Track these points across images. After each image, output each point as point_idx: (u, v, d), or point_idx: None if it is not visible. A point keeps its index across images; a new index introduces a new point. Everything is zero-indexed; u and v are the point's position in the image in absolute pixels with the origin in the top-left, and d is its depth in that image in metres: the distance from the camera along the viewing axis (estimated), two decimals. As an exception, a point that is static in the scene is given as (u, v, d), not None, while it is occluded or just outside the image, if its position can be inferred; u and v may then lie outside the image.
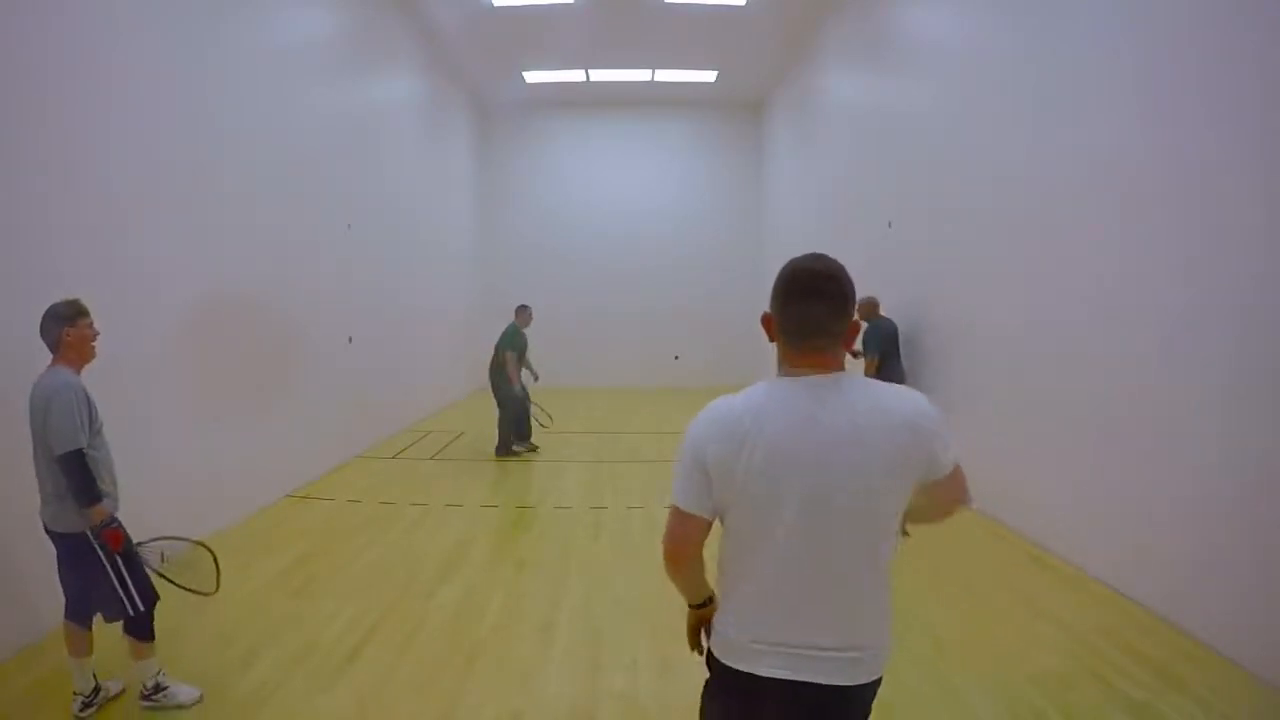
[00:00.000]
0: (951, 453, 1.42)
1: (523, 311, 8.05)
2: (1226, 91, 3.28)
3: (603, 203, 13.85)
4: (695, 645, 1.70)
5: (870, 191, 8.00)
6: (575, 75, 12.16)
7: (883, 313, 6.63)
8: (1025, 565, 4.39)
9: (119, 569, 2.75)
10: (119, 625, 2.83)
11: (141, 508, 4.07)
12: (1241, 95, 3.21)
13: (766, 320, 1.52)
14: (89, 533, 2.70)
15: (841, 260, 1.56)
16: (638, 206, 13.86)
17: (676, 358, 13.40)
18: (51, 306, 2.83)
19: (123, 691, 2.94)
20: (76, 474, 2.65)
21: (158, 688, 2.86)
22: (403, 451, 7.80)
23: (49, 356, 3.47)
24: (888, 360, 6.42)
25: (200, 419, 4.72)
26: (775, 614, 1.43)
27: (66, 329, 2.77)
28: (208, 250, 4.81)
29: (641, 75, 12.19)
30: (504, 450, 7.62)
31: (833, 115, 9.51)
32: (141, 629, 2.82)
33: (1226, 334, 3.26)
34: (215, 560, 3.02)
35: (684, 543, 1.48)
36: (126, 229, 4.06)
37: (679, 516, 1.46)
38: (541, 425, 8.10)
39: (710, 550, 1.53)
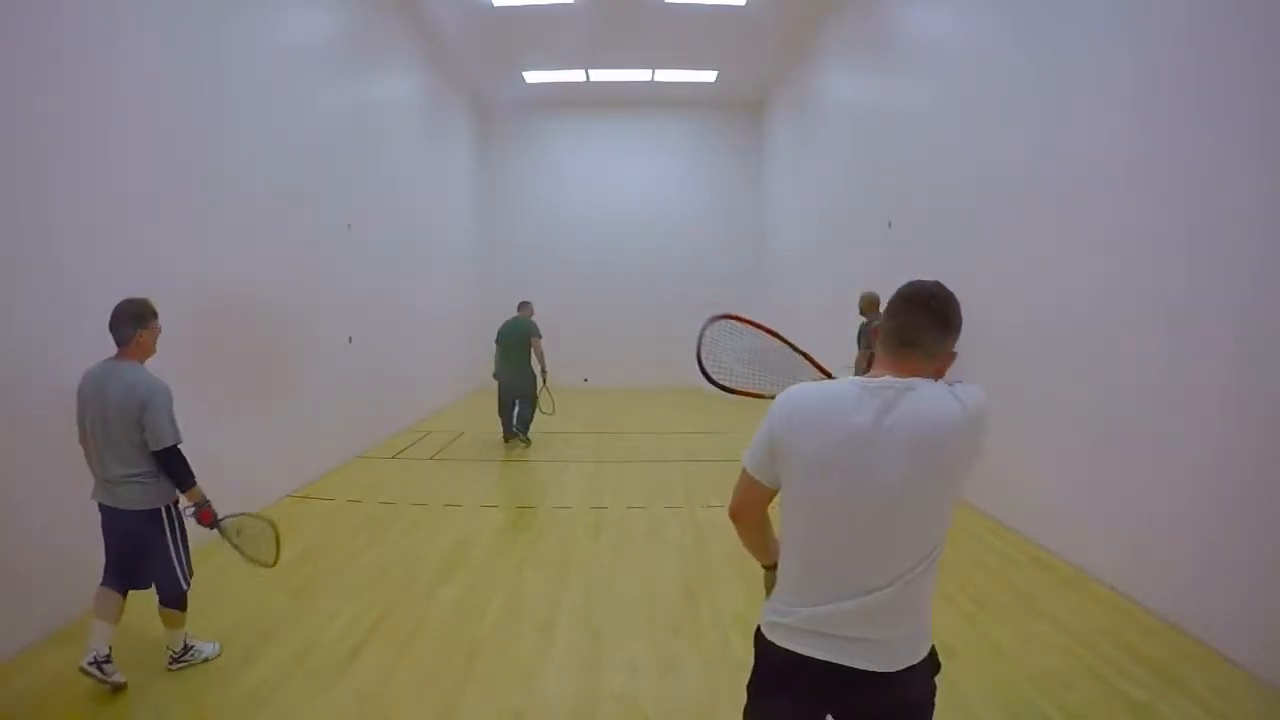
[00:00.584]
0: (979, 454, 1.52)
1: (527, 306, 8.56)
2: (1226, 91, 3.29)
3: (602, 203, 13.85)
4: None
5: (870, 191, 8.00)
6: (575, 75, 12.16)
7: (883, 310, 6.64)
8: (1025, 565, 4.39)
9: (179, 548, 3.08)
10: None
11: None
12: (1241, 95, 3.21)
13: (873, 333, 1.63)
14: (165, 510, 3.03)
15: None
16: (637, 206, 13.86)
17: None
18: (127, 304, 3.01)
19: (124, 685, 2.96)
20: (179, 464, 2.99)
21: (185, 649, 3.15)
22: (403, 451, 7.80)
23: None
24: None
25: (200, 419, 4.70)
26: (815, 597, 1.51)
27: (141, 329, 3.00)
28: (207, 250, 4.81)
29: (641, 75, 12.19)
30: (515, 430, 8.20)
31: (833, 115, 9.51)
32: (181, 601, 3.12)
33: (1226, 334, 3.26)
34: (276, 535, 3.27)
35: (746, 504, 1.64)
36: (126, 229, 4.06)
37: (745, 479, 1.62)
38: (544, 412, 8.25)
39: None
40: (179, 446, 2.99)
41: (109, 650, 2.92)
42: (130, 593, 3.09)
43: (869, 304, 6.70)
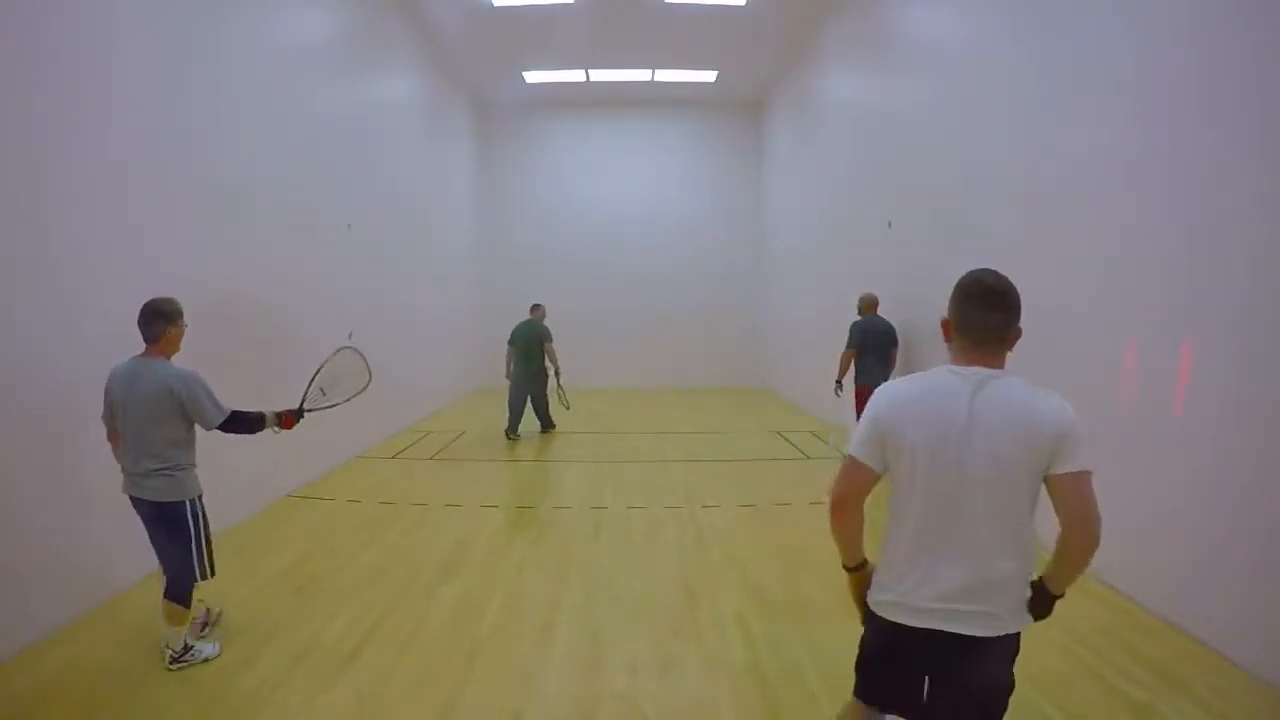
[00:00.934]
0: (1078, 459, 1.61)
1: (539, 308, 9.00)
2: (1226, 91, 3.28)
3: (602, 203, 13.85)
4: (864, 608, 1.89)
5: (870, 191, 8.00)
6: (575, 75, 12.16)
7: (879, 312, 6.83)
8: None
9: (200, 539, 3.19)
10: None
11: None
12: (1241, 95, 3.21)
13: (946, 324, 1.82)
14: (189, 504, 3.16)
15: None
16: (637, 206, 13.86)
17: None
18: (156, 303, 3.10)
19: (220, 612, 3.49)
20: (241, 427, 3.21)
21: (186, 648, 3.16)
22: (403, 451, 7.80)
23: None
24: (865, 355, 6.70)
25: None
26: (917, 572, 1.70)
27: (169, 326, 3.10)
28: (207, 250, 4.81)
29: (641, 75, 12.19)
30: (547, 425, 8.81)
31: (833, 115, 9.51)
32: (186, 597, 3.17)
33: (1226, 334, 3.26)
34: (361, 355, 3.62)
35: (852, 491, 1.78)
36: (125, 228, 4.06)
37: (853, 464, 1.77)
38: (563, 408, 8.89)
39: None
40: (235, 412, 3.19)
41: (204, 612, 3.37)
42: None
43: (867, 304, 6.82)
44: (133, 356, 3.12)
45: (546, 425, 8.88)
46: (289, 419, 3.42)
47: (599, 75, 12.19)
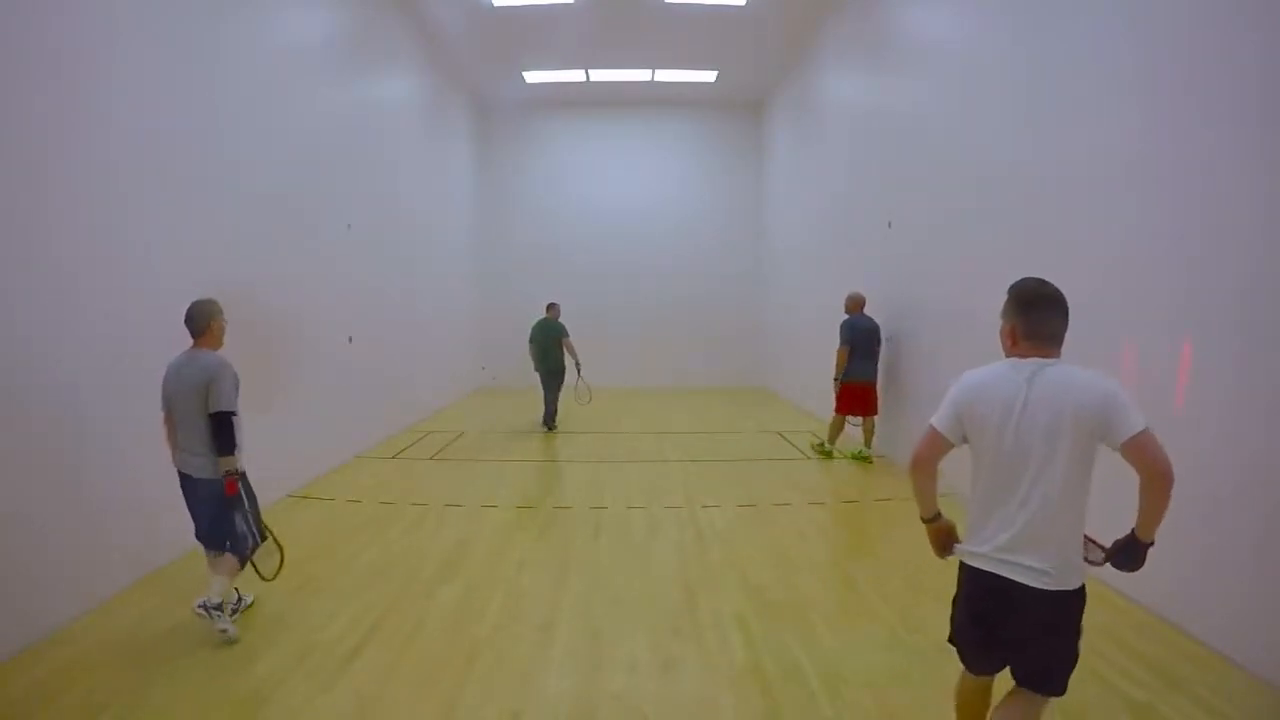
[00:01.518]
0: (1131, 423, 1.92)
1: (555, 307, 9.55)
2: (1226, 91, 3.28)
3: (602, 203, 13.85)
4: (942, 553, 2.33)
5: (870, 191, 8.00)
6: (575, 75, 12.16)
7: (866, 311, 7.21)
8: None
9: (246, 513, 3.51)
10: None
11: (141, 507, 4.10)
12: (1242, 95, 3.21)
13: (1011, 330, 2.12)
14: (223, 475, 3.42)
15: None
16: (637, 206, 13.86)
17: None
18: (201, 303, 3.55)
19: (252, 601, 3.69)
20: (225, 429, 3.41)
21: (220, 606, 3.39)
22: (403, 451, 7.80)
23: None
24: (856, 351, 7.09)
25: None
26: (989, 527, 2.09)
27: (210, 322, 3.53)
28: (207, 250, 4.81)
29: (641, 75, 12.19)
30: (551, 422, 9.19)
31: (833, 115, 9.51)
32: (242, 559, 3.52)
33: (1226, 333, 3.26)
34: (281, 557, 3.72)
35: (929, 455, 2.19)
36: (126, 228, 4.06)
37: (933, 433, 2.17)
38: (581, 404, 9.65)
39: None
40: (233, 418, 3.43)
41: (235, 595, 3.53)
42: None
43: (854, 303, 7.21)
44: (184, 350, 3.53)
45: (550, 424, 9.18)
46: (233, 483, 3.44)
47: (599, 75, 12.19)
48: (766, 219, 13.53)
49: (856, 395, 7.18)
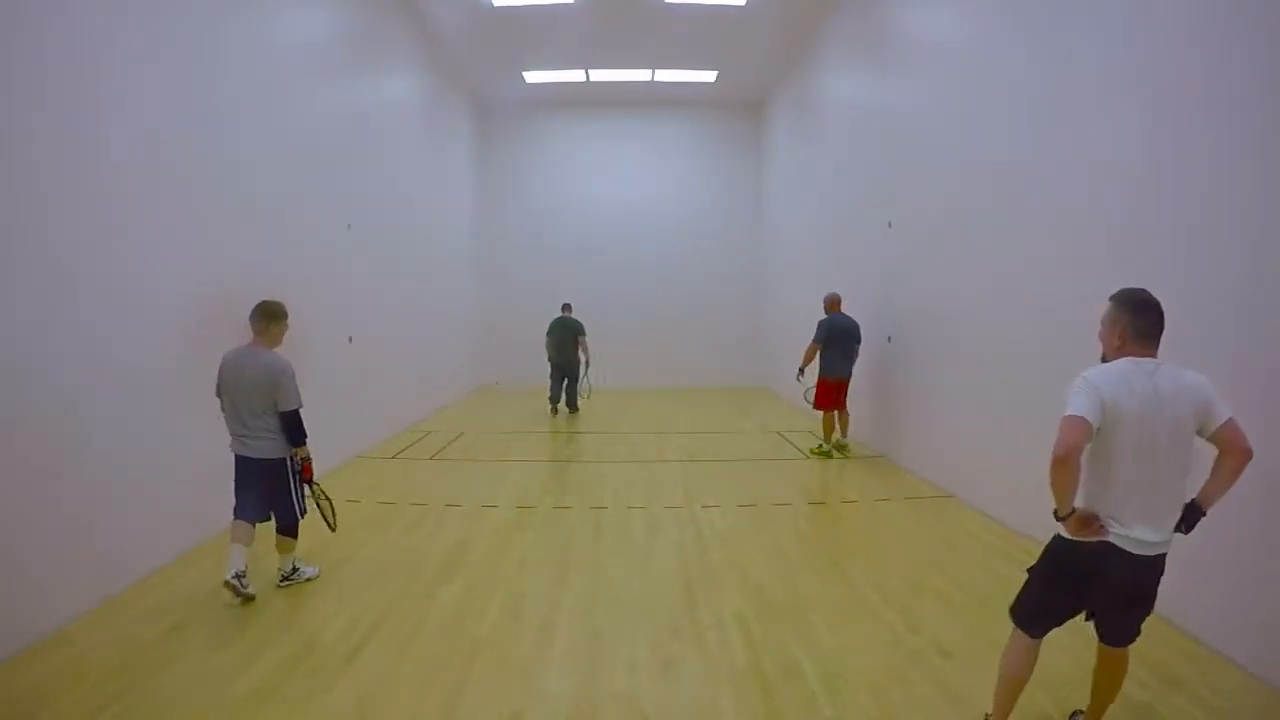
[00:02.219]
0: (1222, 410, 2.25)
1: (569, 306, 10.84)
2: (1226, 91, 3.28)
3: (602, 203, 13.85)
4: (1087, 534, 2.34)
5: (870, 191, 8.00)
6: (575, 75, 12.16)
7: (844, 309, 7.55)
8: (1025, 565, 4.37)
9: (298, 489, 4.01)
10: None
11: (141, 506, 4.10)
12: (1241, 95, 3.21)
13: (1121, 332, 2.36)
14: (289, 460, 3.95)
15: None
16: (637, 207, 13.86)
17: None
18: (267, 304, 3.95)
19: (254, 597, 3.85)
20: (297, 424, 3.91)
21: (294, 570, 4.05)
22: (403, 451, 7.80)
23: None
24: (835, 350, 7.37)
25: (200, 418, 4.72)
26: (1132, 511, 2.29)
27: (274, 324, 3.93)
28: (207, 249, 4.81)
29: (641, 75, 12.18)
30: (574, 405, 10.55)
31: (833, 115, 9.51)
32: (294, 530, 4.02)
33: (1226, 334, 3.27)
34: (334, 511, 4.28)
35: (1075, 444, 2.22)
36: (126, 228, 4.06)
37: (1075, 421, 2.24)
38: (582, 398, 10.54)
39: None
40: (299, 411, 3.91)
41: (245, 568, 3.77)
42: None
43: (832, 303, 7.57)
44: (241, 345, 3.89)
45: (574, 406, 10.53)
46: (309, 469, 4.03)
47: (599, 75, 12.18)
48: (766, 219, 13.52)
49: (834, 391, 7.39)
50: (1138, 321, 2.33)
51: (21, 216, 3.37)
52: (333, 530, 4.25)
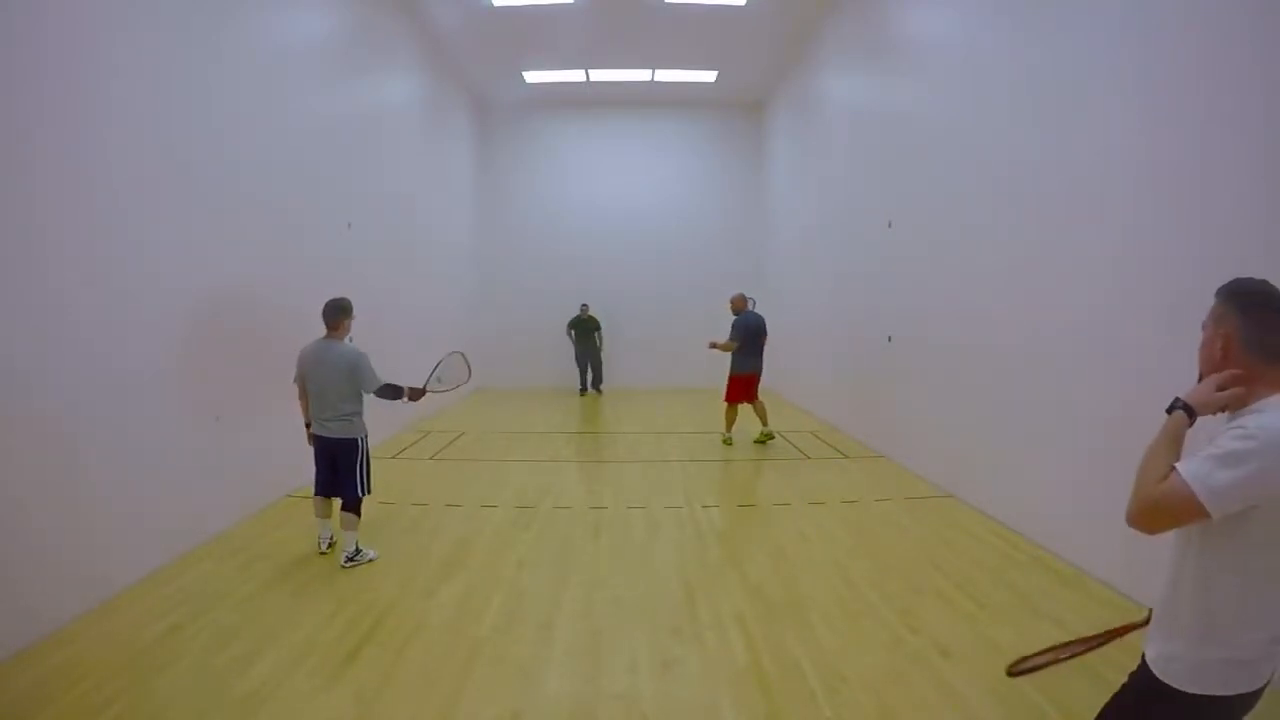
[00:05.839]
0: None
1: (587, 306, 12.81)
2: (1226, 91, 3.28)
3: (603, 203, 13.84)
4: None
5: (870, 191, 8.00)
6: (575, 75, 12.15)
7: (750, 307, 8.12)
8: (1025, 565, 4.39)
9: (364, 467, 4.47)
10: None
11: (141, 506, 4.10)
12: (1241, 95, 3.21)
13: (1246, 344, 1.56)
14: (360, 440, 4.46)
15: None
16: (638, 206, 13.85)
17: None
18: (339, 301, 4.46)
19: (376, 557, 4.45)
20: (389, 393, 4.41)
21: (358, 551, 4.37)
22: (403, 451, 7.80)
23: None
24: (745, 346, 7.91)
25: (200, 418, 4.72)
26: (1263, 631, 1.48)
27: (345, 318, 4.45)
28: (207, 250, 4.81)
29: (641, 75, 12.18)
30: (599, 387, 13.00)
31: (833, 115, 9.51)
32: (358, 507, 4.42)
33: (1226, 334, 3.26)
34: (466, 359, 4.95)
35: (1169, 524, 1.53)
36: (126, 229, 4.06)
37: (1191, 502, 1.44)
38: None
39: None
40: (385, 385, 4.39)
41: (331, 535, 4.51)
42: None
43: (740, 302, 8.10)
44: (318, 339, 4.41)
45: (598, 387, 12.94)
46: (416, 394, 4.48)
47: (599, 75, 12.18)
48: (766, 219, 13.52)
49: (746, 385, 7.95)
50: (1269, 333, 1.54)
51: (21, 217, 3.36)
52: (465, 382, 4.93)
